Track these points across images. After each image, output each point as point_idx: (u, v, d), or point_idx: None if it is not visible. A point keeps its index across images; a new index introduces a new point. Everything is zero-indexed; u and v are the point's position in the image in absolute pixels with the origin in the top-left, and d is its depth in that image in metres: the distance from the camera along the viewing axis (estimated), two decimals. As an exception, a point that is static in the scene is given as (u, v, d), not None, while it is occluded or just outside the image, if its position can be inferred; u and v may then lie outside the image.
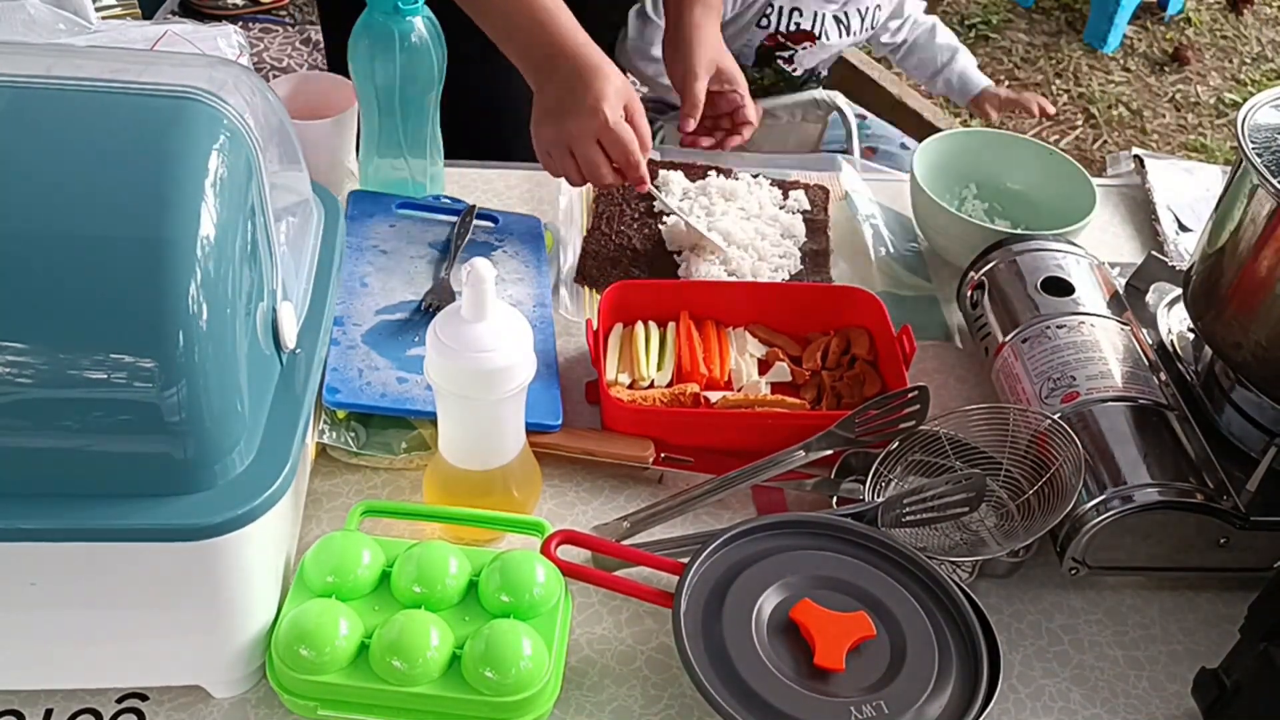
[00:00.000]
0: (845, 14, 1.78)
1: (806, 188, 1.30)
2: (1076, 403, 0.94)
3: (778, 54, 1.78)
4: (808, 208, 1.27)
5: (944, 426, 0.96)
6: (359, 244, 1.09)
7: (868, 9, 1.80)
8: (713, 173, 1.28)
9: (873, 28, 1.83)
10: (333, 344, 0.96)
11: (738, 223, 1.20)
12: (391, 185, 1.18)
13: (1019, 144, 1.30)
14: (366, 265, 1.08)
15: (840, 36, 1.79)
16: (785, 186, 1.29)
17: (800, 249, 1.22)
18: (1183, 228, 1.28)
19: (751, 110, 1.30)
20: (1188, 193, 1.34)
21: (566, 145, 1.10)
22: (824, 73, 1.87)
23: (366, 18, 1.10)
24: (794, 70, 1.81)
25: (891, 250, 1.23)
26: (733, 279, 1.16)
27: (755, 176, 1.29)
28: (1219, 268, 0.96)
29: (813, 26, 1.75)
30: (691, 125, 1.26)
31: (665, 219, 1.21)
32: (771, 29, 1.75)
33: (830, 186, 1.31)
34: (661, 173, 1.26)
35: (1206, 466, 0.91)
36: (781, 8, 1.74)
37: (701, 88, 1.26)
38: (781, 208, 1.26)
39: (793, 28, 1.75)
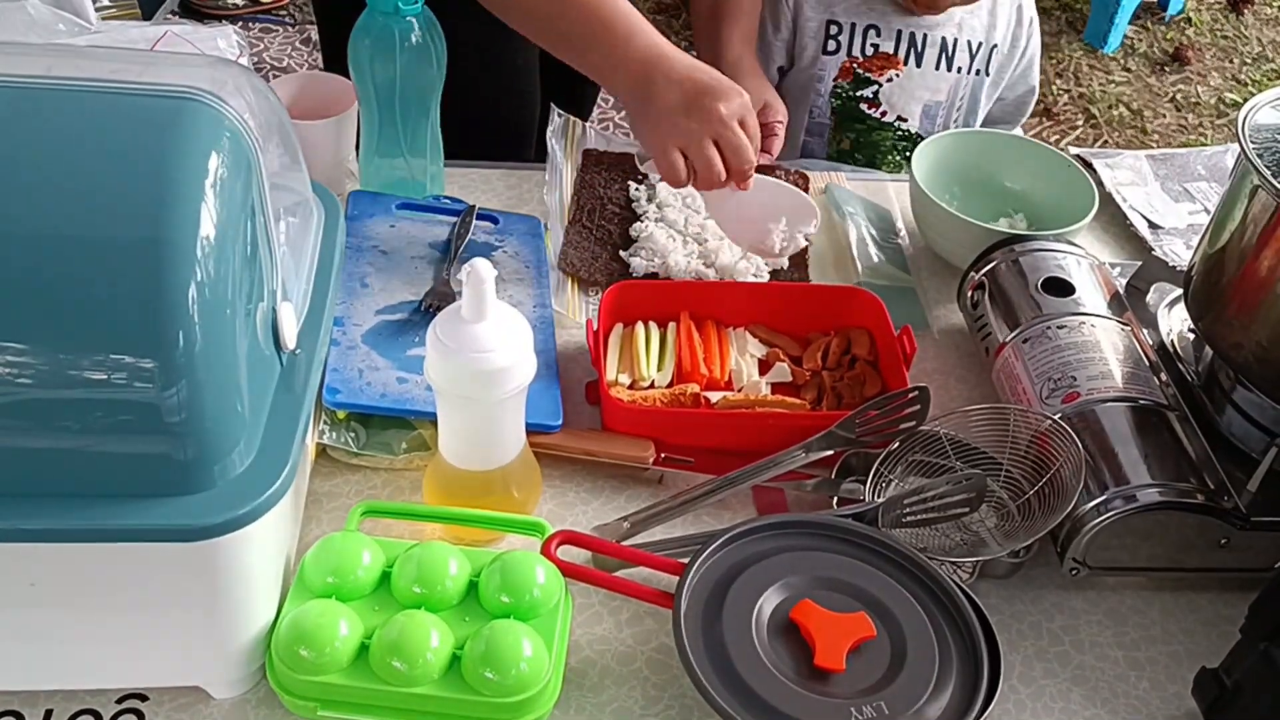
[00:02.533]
0: (944, 39, 1.44)
1: (785, 173, 1.30)
2: (1077, 403, 0.94)
3: (859, 94, 1.45)
4: None
5: (944, 427, 0.96)
6: (359, 244, 1.09)
7: (979, 44, 1.45)
8: None
9: (986, 70, 1.47)
10: (333, 344, 0.96)
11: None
12: (391, 185, 1.18)
13: (1018, 144, 1.30)
14: (366, 265, 1.08)
15: (944, 69, 1.45)
16: (767, 173, 1.29)
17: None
18: (1153, 225, 1.28)
19: (778, 141, 1.29)
20: (1141, 189, 1.34)
21: (682, 144, 1.07)
22: (925, 127, 1.47)
23: (366, 18, 1.10)
24: (881, 114, 1.46)
25: (871, 243, 1.24)
26: (711, 270, 1.16)
27: None
28: (1220, 268, 0.96)
29: (896, 49, 1.43)
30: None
31: (642, 220, 1.21)
32: (842, 52, 1.43)
33: (810, 175, 1.32)
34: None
35: (1207, 467, 0.91)
36: (854, 25, 1.43)
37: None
38: None
39: (869, 50, 1.43)
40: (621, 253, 1.18)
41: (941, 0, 1.41)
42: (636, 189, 1.25)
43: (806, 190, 1.29)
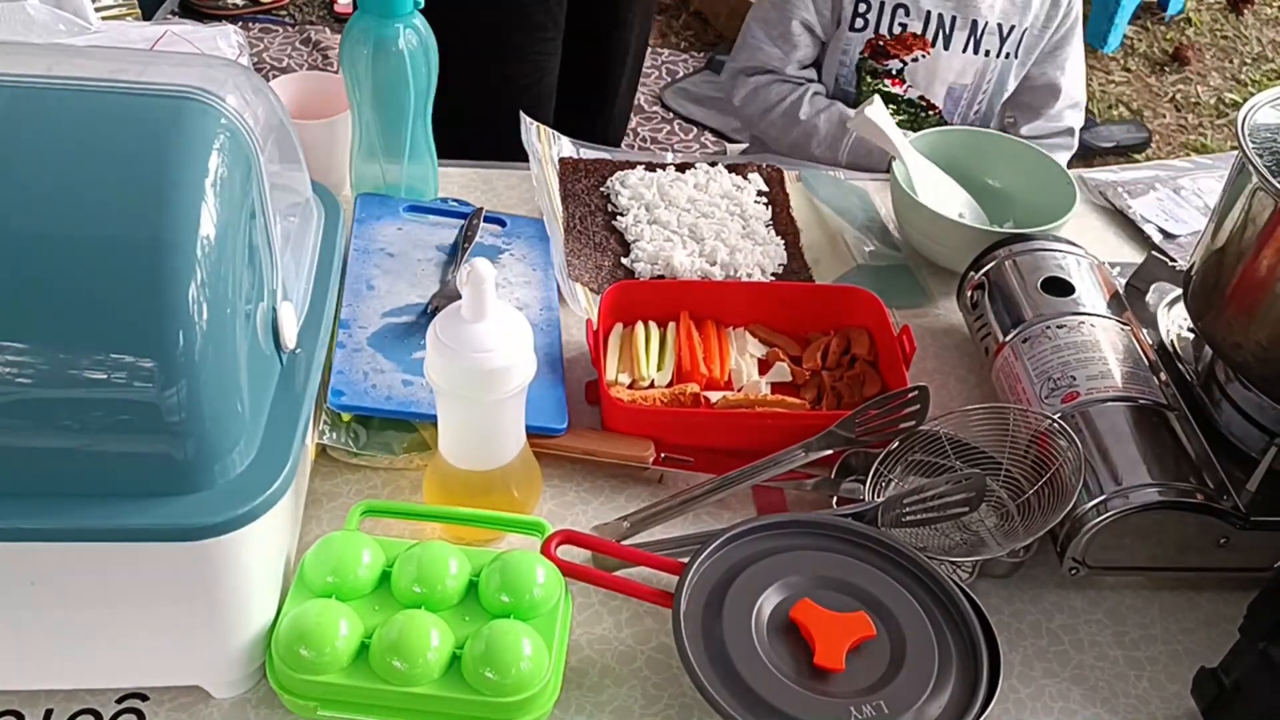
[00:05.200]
0: (975, 22, 1.43)
1: (759, 169, 1.31)
2: (1076, 403, 0.94)
3: (883, 67, 1.46)
4: (765, 188, 1.29)
5: (944, 426, 0.96)
6: (366, 246, 1.09)
7: (1011, 27, 1.45)
8: (670, 168, 1.29)
9: (1015, 53, 1.48)
10: (339, 346, 0.96)
11: (706, 210, 1.23)
12: (382, 189, 1.18)
13: (998, 141, 1.30)
14: (373, 268, 1.08)
15: (970, 51, 1.45)
16: (741, 170, 1.31)
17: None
18: (1167, 235, 1.29)
19: None
20: (1152, 195, 1.34)
21: None
22: (949, 109, 1.48)
23: (359, 21, 1.10)
24: (905, 92, 1.47)
25: (858, 227, 1.25)
26: (716, 269, 1.16)
27: (713, 165, 1.30)
28: (1219, 268, 0.96)
29: (924, 30, 1.43)
30: None
31: (635, 225, 1.22)
32: (869, 30, 1.44)
33: (784, 168, 1.33)
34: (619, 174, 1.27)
35: (1206, 466, 0.91)
36: (883, 4, 1.43)
37: None
38: (740, 189, 1.27)
39: (897, 29, 1.44)
40: (624, 260, 1.18)
41: None
42: (616, 196, 1.25)
43: (782, 183, 1.30)
